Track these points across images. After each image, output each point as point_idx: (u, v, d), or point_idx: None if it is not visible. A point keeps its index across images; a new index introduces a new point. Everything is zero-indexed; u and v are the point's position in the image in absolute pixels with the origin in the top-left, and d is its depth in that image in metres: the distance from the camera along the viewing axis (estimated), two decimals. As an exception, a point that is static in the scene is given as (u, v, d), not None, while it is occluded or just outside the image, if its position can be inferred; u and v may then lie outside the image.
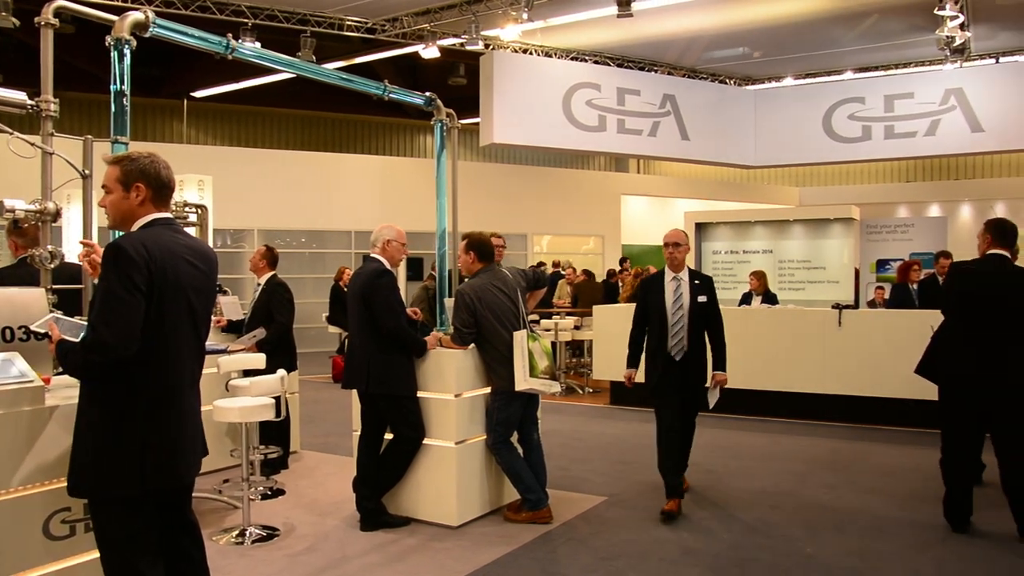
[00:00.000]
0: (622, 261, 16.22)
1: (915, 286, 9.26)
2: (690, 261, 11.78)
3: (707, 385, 5.75)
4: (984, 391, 5.03)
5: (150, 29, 4.48)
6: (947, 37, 13.34)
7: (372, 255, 5.35)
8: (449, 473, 5.25)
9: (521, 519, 5.34)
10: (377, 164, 18.29)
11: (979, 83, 16.16)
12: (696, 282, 5.66)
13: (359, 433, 5.38)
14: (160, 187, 2.97)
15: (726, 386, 5.81)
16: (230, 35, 5.18)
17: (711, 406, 5.76)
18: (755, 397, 9.07)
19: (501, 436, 5.35)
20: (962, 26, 13.39)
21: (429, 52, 14.48)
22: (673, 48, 16.39)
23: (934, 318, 8.04)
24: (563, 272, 14.49)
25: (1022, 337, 5.02)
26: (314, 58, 13.32)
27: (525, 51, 15.77)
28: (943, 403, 5.28)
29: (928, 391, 7.49)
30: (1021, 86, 15.80)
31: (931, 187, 21.59)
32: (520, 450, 5.49)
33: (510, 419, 5.36)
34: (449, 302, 5.90)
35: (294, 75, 6.25)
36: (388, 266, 5.30)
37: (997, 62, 16.31)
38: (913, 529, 5.22)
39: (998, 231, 5.17)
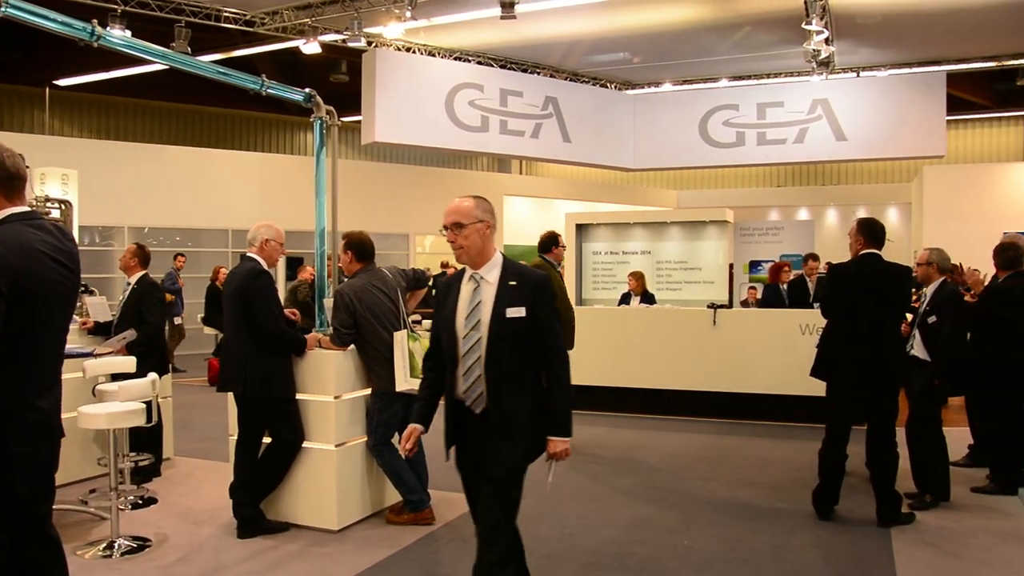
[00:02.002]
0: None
1: (785, 286, 9.68)
2: (571, 263, 12.09)
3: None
4: (864, 385, 5.29)
5: (2, 9, 4.20)
6: (813, 50, 14.00)
7: (249, 254, 5.22)
8: (329, 476, 5.17)
9: (403, 521, 5.31)
10: (255, 161, 17.82)
11: (843, 95, 17.01)
12: (512, 283, 3.39)
13: (236, 437, 5.23)
14: (8, 178, 2.75)
15: (561, 455, 3.47)
16: (95, 21, 4.94)
17: (548, 483, 3.59)
18: (633, 395, 9.30)
19: (382, 437, 5.31)
20: (827, 41, 14.07)
21: (310, 48, 14.18)
22: (555, 51, 16.58)
23: (803, 317, 8.51)
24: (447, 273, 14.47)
25: (897, 331, 5.36)
26: (189, 50, 12.84)
27: (408, 49, 15.66)
28: (829, 399, 5.52)
29: (797, 387, 7.90)
30: (880, 99, 16.75)
31: (800, 192, 22.58)
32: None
33: (391, 420, 5.32)
34: (328, 302, 5.80)
35: (167, 66, 6.03)
36: (265, 266, 5.18)
37: (858, 76, 17.21)
38: (782, 518, 5.46)
39: (869, 231, 5.45)
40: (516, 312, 3.31)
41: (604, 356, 9.39)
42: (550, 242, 7.67)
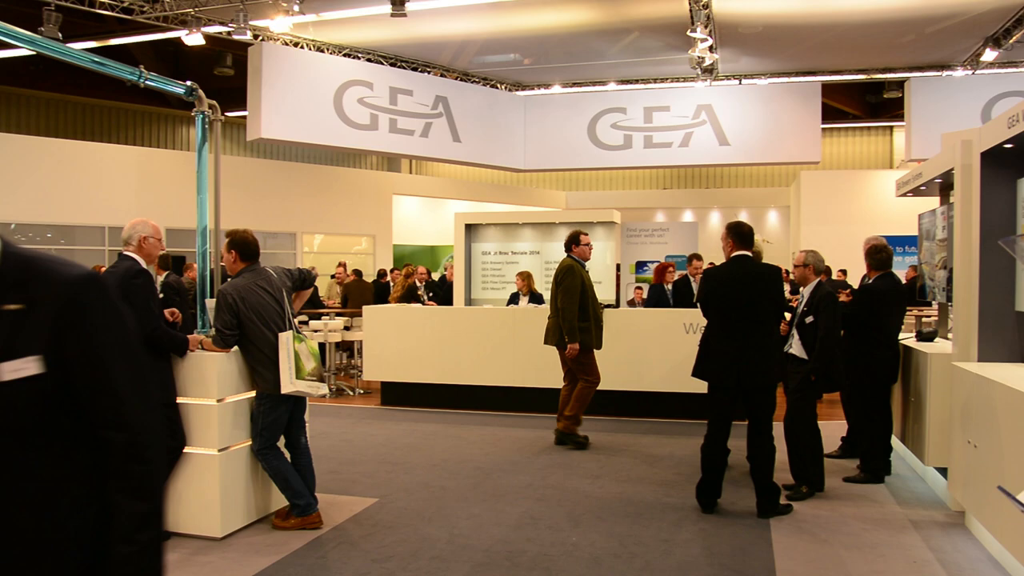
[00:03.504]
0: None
1: (670, 286, 9.91)
2: (460, 263, 12.09)
3: None
4: (741, 383, 5.49)
5: None
6: (698, 57, 14.46)
7: (126, 253, 4.99)
8: (212, 482, 5.00)
9: (290, 525, 5.20)
10: (133, 155, 17.10)
11: (726, 101, 17.65)
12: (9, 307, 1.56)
13: (110, 444, 4.99)
14: None
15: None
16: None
17: None
18: (522, 394, 9.36)
19: (267, 441, 5.18)
20: (711, 48, 14.55)
21: (193, 39, 13.70)
22: (446, 50, 16.56)
23: (687, 316, 8.73)
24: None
25: (771, 328, 5.56)
26: (60, 35, 12.21)
27: (296, 44, 15.35)
28: (710, 396, 5.69)
29: (682, 384, 8.09)
30: (760, 106, 17.47)
31: (685, 194, 23.20)
32: (287, 455, 5.34)
33: (276, 423, 5.19)
34: (210, 303, 5.61)
35: (35, 52, 5.71)
36: (144, 265, 4.97)
37: (740, 83, 17.83)
38: (667, 512, 5.59)
39: (737, 235, 5.67)
40: (17, 370, 1.53)
41: (492, 355, 9.42)
42: (571, 240, 7.93)
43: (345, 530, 5.22)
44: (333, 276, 15.03)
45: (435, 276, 14.87)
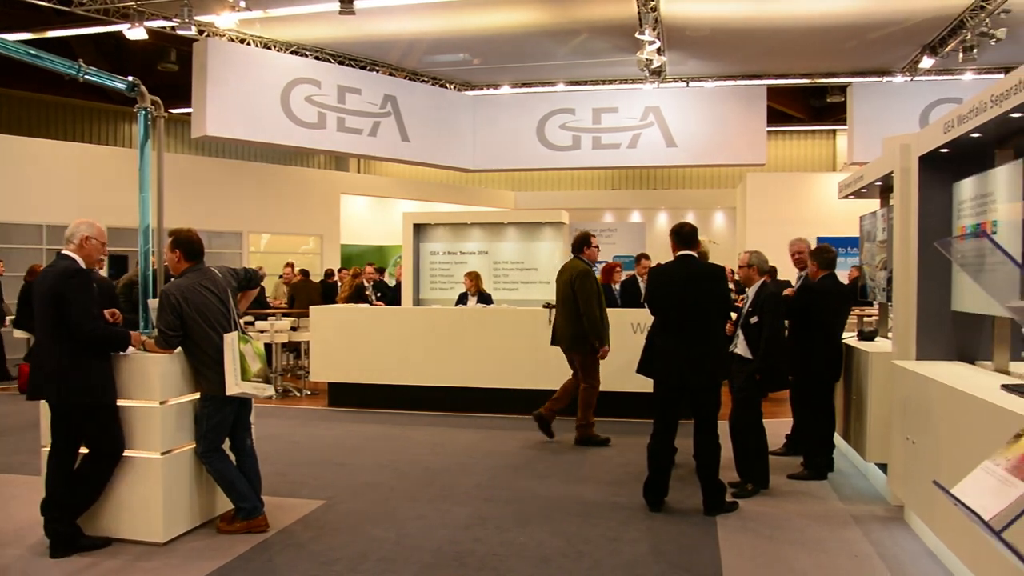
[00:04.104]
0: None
1: (617, 286, 9.97)
2: (408, 263, 12.02)
3: None
4: (685, 380, 5.56)
5: None
6: (646, 59, 14.57)
7: (65, 252, 4.87)
8: (154, 486, 4.90)
9: (235, 529, 5.12)
10: (74, 152, 16.67)
11: (673, 103, 17.86)
12: None
13: (48, 449, 4.87)
14: None
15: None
16: None
17: None
18: (470, 394, 9.35)
19: (212, 443, 5.09)
20: (658, 51, 14.68)
21: (135, 33, 13.39)
22: (395, 49, 16.47)
23: (635, 316, 8.78)
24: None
25: (715, 327, 5.63)
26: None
27: (243, 41, 15.12)
28: (656, 395, 5.74)
29: (630, 384, 8.13)
30: (707, 108, 17.72)
31: (633, 195, 23.37)
32: (232, 457, 5.26)
33: (221, 425, 5.11)
34: (153, 303, 5.49)
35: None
36: (83, 264, 4.85)
37: (688, 86, 18.04)
38: (615, 511, 5.62)
39: (680, 236, 5.78)
40: None
41: (441, 356, 9.40)
42: (582, 242, 7.93)
43: (292, 533, 5.16)
44: (281, 276, 14.87)
45: (389, 280, 14.77)
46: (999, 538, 2.12)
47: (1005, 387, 4.02)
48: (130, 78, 6.01)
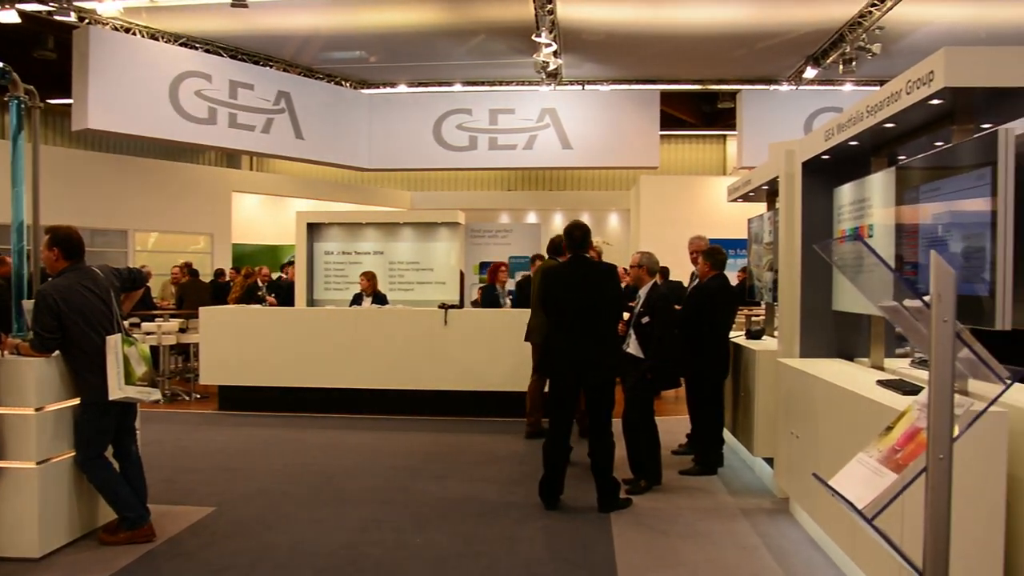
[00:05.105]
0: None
1: (501, 286, 9.96)
2: (302, 263, 11.78)
3: None
4: (581, 379, 5.63)
5: None
6: (543, 62, 14.72)
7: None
8: (30, 498, 4.66)
9: (119, 540, 4.90)
10: (-60, 143, 15.76)
11: (569, 105, 18.11)
12: None
13: (-89, 459, 4.57)
14: None
15: None
16: None
17: None
18: (365, 396, 9.25)
19: (93, 451, 4.87)
20: (555, 53, 14.84)
21: (7, 16, 12.64)
22: (289, 44, 16.14)
23: (528, 316, 8.82)
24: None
25: (609, 326, 5.71)
26: None
27: (127, 30, 14.53)
28: (551, 394, 5.78)
29: (526, 383, 8.20)
30: (602, 111, 18.05)
31: (529, 196, 23.50)
32: (116, 465, 5.04)
33: (103, 432, 4.89)
34: (28, 304, 5.21)
35: None
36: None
37: (583, 88, 18.29)
38: (512, 510, 5.64)
39: (569, 237, 5.87)
40: None
41: (335, 358, 9.25)
42: (558, 245, 8.02)
43: (180, 542, 4.98)
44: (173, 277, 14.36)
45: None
46: (871, 525, 2.22)
47: (880, 383, 4.22)
48: (0, 64, 5.69)
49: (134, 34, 14.64)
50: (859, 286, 3.32)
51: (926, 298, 2.19)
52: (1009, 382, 2.17)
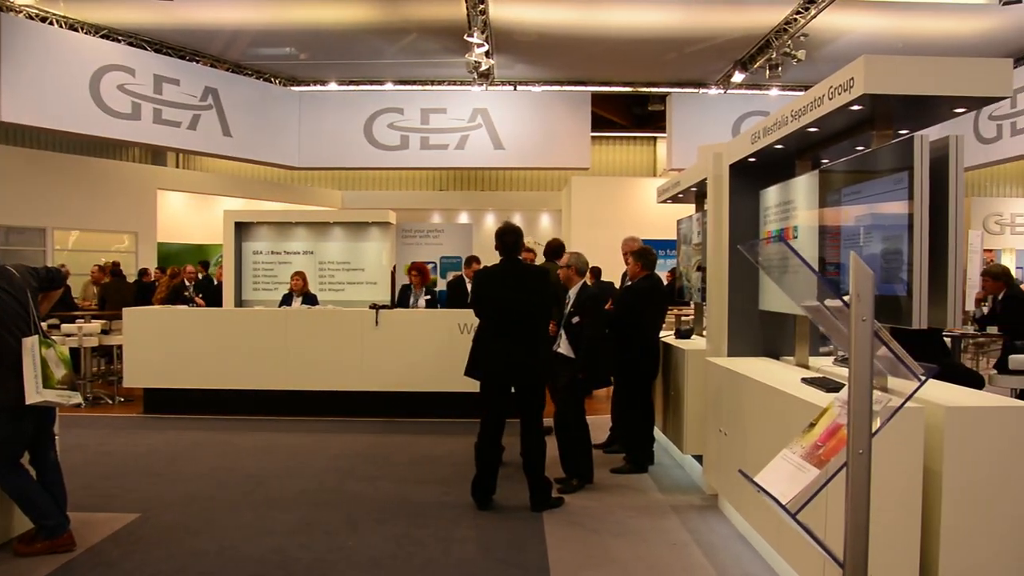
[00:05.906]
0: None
1: (418, 289, 9.90)
2: (230, 262, 11.57)
3: None
4: (510, 379, 5.66)
5: None
6: (475, 62, 14.72)
7: None
8: (-60, 506, 4.48)
9: (36, 550, 4.74)
10: None
11: (501, 106, 18.16)
12: None
13: None
14: None
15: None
16: None
17: None
18: (295, 397, 9.13)
19: (7, 458, 4.69)
20: (487, 54, 14.85)
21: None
22: (217, 39, 15.82)
23: (461, 316, 8.83)
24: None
25: (540, 328, 5.74)
26: None
27: (44, 20, 14.07)
28: (482, 394, 5.78)
29: (457, 384, 8.18)
30: (533, 112, 18.15)
31: (461, 196, 23.46)
32: (33, 472, 4.87)
33: (18, 438, 4.72)
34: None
35: None
36: None
37: (515, 89, 18.35)
38: (445, 511, 5.63)
39: (500, 240, 5.86)
40: None
41: (264, 359, 9.11)
42: (561, 250, 8.09)
43: (102, 551, 4.84)
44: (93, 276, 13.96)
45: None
46: (795, 520, 2.27)
47: (805, 380, 4.33)
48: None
49: (51, 24, 14.18)
50: (783, 286, 3.40)
51: (846, 298, 2.25)
52: (924, 379, 2.24)
